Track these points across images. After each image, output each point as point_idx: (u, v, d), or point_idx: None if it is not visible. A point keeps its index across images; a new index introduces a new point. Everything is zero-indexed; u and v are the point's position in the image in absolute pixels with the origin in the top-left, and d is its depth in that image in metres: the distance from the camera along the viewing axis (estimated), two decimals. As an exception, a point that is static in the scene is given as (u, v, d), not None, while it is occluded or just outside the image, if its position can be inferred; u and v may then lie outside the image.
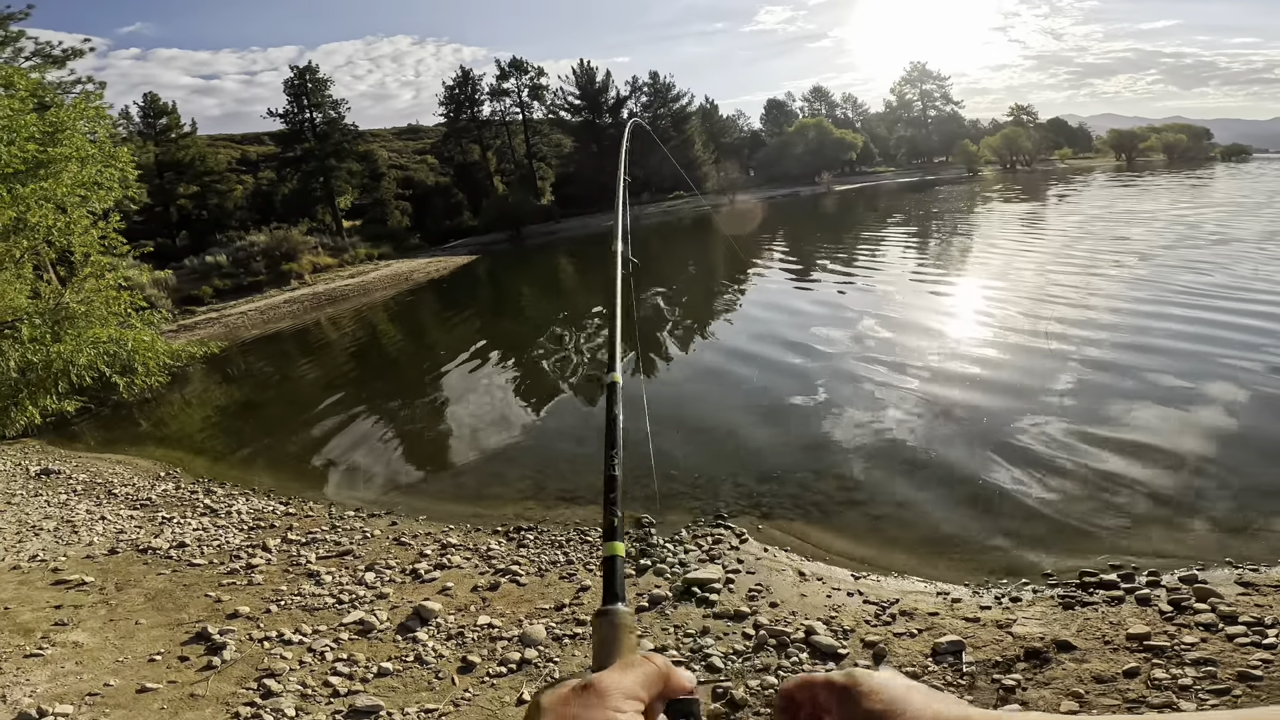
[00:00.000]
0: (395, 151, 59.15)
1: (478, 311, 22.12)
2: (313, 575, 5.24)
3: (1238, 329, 9.05)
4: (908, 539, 5.20)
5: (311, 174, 43.45)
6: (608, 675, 0.53)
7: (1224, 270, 12.72)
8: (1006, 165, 60.41)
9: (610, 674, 0.53)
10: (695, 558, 4.90)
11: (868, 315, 12.57)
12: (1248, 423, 6.45)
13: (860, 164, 62.11)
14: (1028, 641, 3.60)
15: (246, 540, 6.30)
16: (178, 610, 4.86)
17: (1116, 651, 3.46)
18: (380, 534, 6.14)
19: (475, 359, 13.92)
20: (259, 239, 34.32)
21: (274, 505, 7.43)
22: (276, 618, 4.52)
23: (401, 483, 8.04)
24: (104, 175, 11.08)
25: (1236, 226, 17.94)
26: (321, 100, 44.13)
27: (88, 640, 4.50)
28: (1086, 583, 4.28)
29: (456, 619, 4.26)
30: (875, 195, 45.70)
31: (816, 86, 70.78)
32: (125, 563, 5.98)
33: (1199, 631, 3.57)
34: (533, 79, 51.15)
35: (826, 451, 7.01)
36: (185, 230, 41.51)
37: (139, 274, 17.32)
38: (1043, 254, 16.94)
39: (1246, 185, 31.72)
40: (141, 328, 13.00)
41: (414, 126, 69.50)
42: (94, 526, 7.03)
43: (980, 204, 34.26)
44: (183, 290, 29.96)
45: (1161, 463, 5.82)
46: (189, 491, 8.24)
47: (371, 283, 31.63)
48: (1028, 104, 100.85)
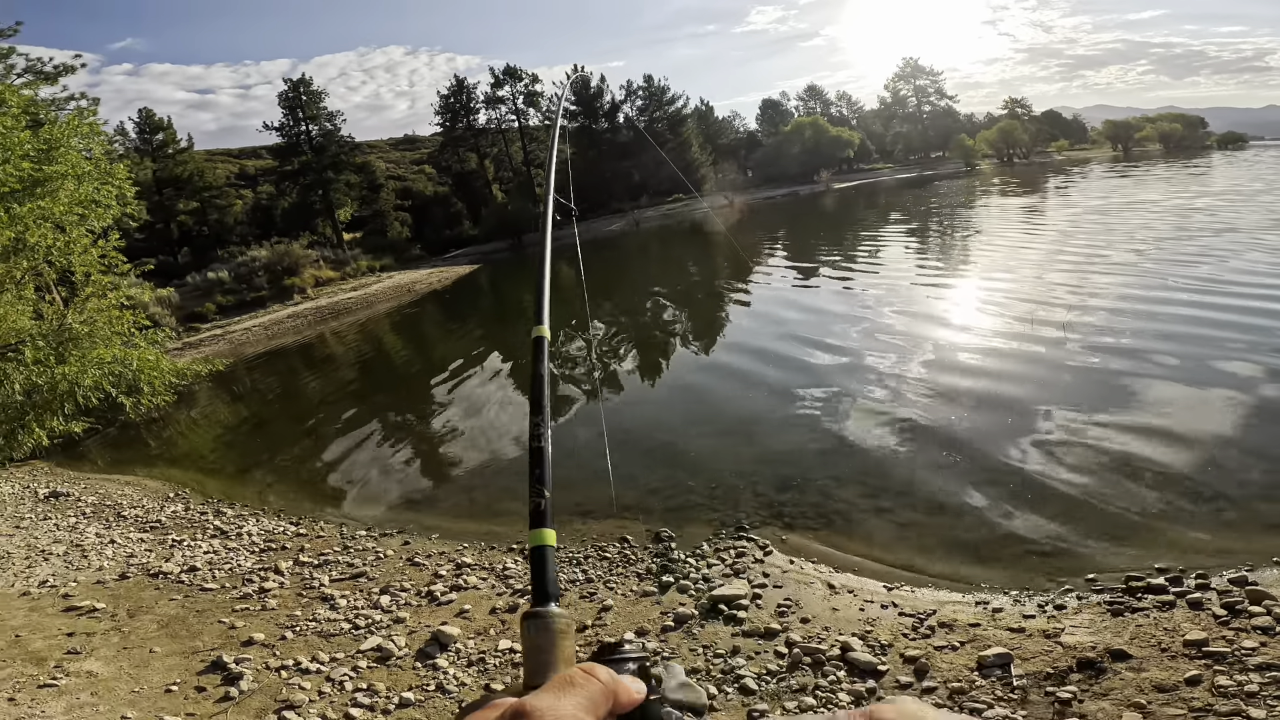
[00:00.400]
0: (393, 162, 59.21)
1: (481, 322, 22.00)
2: (327, 599, 5.10)
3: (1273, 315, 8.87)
4: (938, 546, 5.04)
5: (310, 187, 43.43)
6: (543, 698, 0.44)
7: (1238, 257, 12.55)
8: (1004, 159, 60.19)
9: (545, 696, 0.45)
10: (719, 573, 4.75)
11: (878, 314, 12.41)
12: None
13: (858, 161, 61.96)
14: (1079, 651, 3.44)
15: (258, 563, 6.17)
16: (191, 638, 4.72)
17: (1175, 659, 3.30)
18: (393, 554, 6.00)
19: (480, 371, 13.80)
20: (260, 254, 34.27)
21: (284, 526, 7.30)
22: (292, 645, 4.38)
23: (413, 500, 7.90)
24: (101, 192, 10.98)
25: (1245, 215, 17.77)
26: (317, 112, 44.14)
27: (102, 670, 4.37)
28: (1133, 587, 4.11)
29: (476, 644, 4.11)
30: (875, 192, 45.56)
31: (811, 85, 70.72)
32: (136, 588, 5.86)
33: (1257, 635, 3.41)
34: (527, 86, 51.16)
35: (845, 457, 6.85)
36: (186, 247, 41.52)
37: (141, 292, 17.24)
38: (1050, 246, 16.76)
39: (1246, 172, 31.51)
40: (146, 347, 12.88)
41: (410, 137, 69.61)
42: (104, 550, 6.91)
43: (981, 198, 34.09)
44: (186, 308, 29.90)
45: (1198, 458, 5.66)
46: (198, 513, 8.12)
47: (374, 295, 31.56)
48: (1021, 97, 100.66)
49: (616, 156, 49.83)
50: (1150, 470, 5.58)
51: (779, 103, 67.32)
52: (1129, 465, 5.69)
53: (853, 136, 59.58)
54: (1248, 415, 6.33)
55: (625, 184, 48.72)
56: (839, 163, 58.80)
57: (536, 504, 0.66)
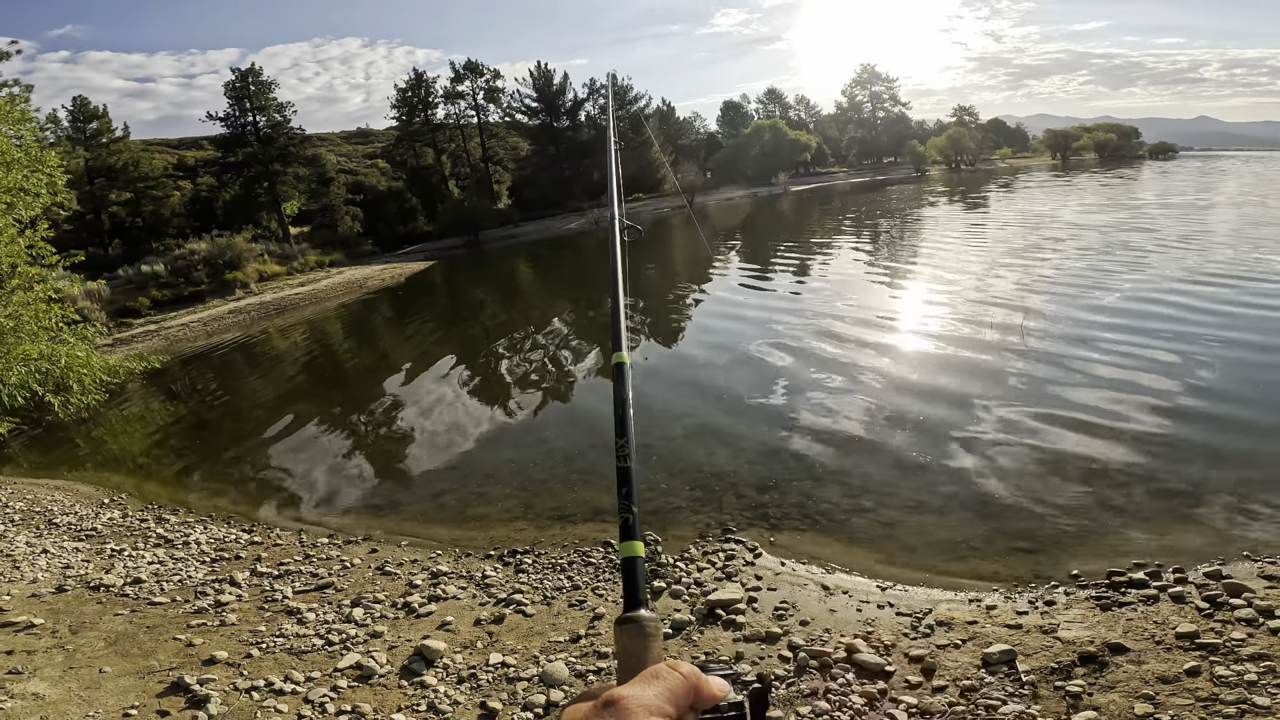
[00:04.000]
0: (345, 156, 57.25)
1: (437, 320, 21.40)
2: (292, 613, 4.77)
3: (1228, 320, 9.30)
4: (924, 545, 5.05)
5: (255, 179, 41.58)
6: (631, 689, 0.50)
7: (1178, 264, 13.21)
8: (952, 165, 62.32)
9: (634, 687, 0.50)
10: (711, 576, 4.64)
11: (843, 316, 12.57)
12: (1247, 414, 6.55)
13: (814, 165, 63.12)
14: (1079, 646, 3.46)
15: (211, 574, 5.76)
16: (145, 656, 4.34)
17: (1170, 651, 3.35)
18: (360, 563, 5.69)
19: (438, 369, 13.36)
20: (199, 247, 32.52)
21: (236, 534, 6.86)
22: (260, 663, 4.06)
23: (376, 505, 7.53)
24: (31, 180, 10.21)
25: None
26: (265, 103, 42.28)
27: (49, 691, 3.96)
28: (1116, 582, 4.19)
29: (464, 658, 3.88)
30: (830, 195, 46.44)
31: (771, 88, 71.70)
32: (76, 602, 5.39)
33: (1243, 627, 3.50)
34: (489, 81, 50.21)
35: (822, 457, 6.84)
36: (119, 239, 39.19)
37: (70, 285, 16.12)
38: (1002, 253, 17.33)
39: (1178, 183, 33.39)
40: (75, 342, 12.07)
41: (364, 130, 67.50)
42: (36, 561, 6.36)
43: (929, 204, 35.12)
44: (117, 302, 28.14)
45: (1166, 456, 5.86)
46: (138, 519, 7.57)
47: (323, 291, 30.40)
48: (969, 105, 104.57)
49: (577, 155, 49.45)
50: (1122, 469, 5.74)
51: (740, 105, 67.99)
52: (1104, 465, 5.85)
53: (810, 140, 60.70)
54: (1204, 416, 6.60)
55: (585, 182, 48.38)
56: (796, 166, 59.79)
57: (626, 519, 0.72)
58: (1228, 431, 6.17)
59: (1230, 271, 12.14)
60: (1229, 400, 6.83)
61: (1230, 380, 7.32)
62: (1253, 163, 47.04)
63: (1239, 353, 8.08)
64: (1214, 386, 7.19)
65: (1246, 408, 6.61)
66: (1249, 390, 7.04)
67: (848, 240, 24.03)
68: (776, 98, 70.21)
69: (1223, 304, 10.08)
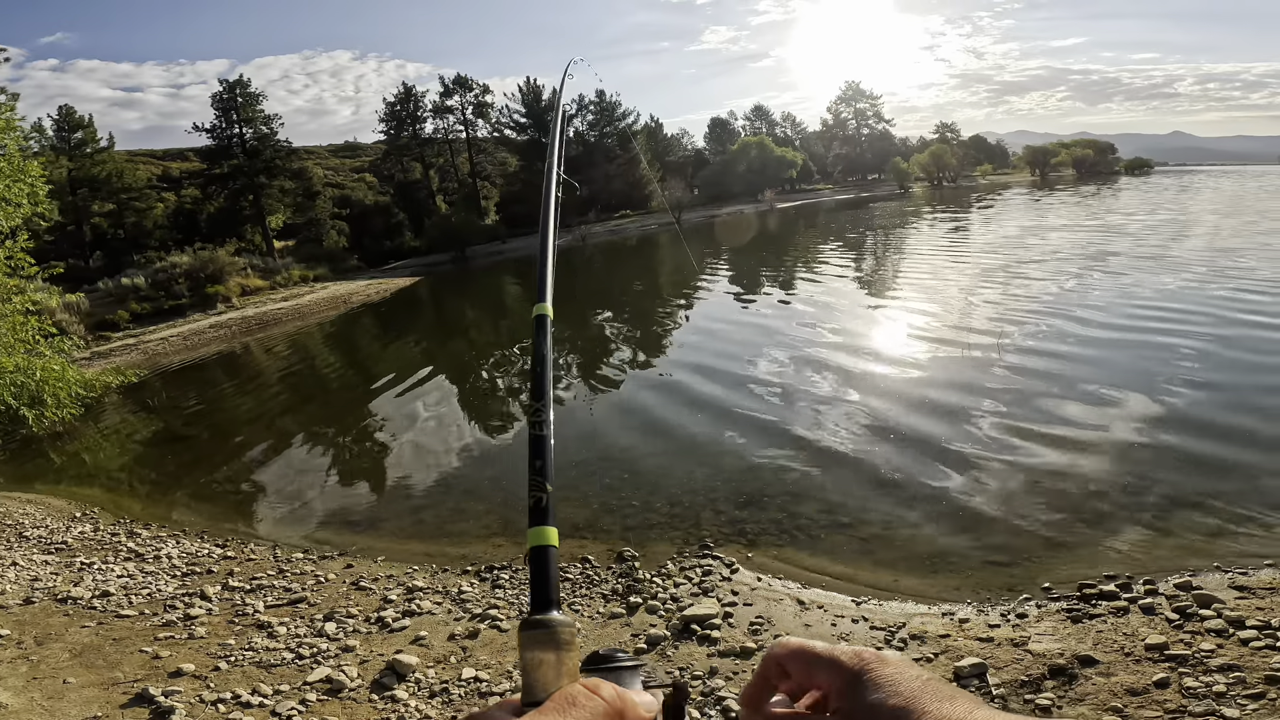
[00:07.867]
0: (332, 169, 57.23)
1: (422, 336, 21.31)
2: (263, 627, 4.70)
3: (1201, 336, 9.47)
4: (899, 559, 5.08)
5: (240, 191, 41.44)
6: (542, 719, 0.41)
7: (1166, 277, 13.47)
8: (934, 182, 63.36)
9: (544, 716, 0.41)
10: (687, 592, 4.63)
11: (820, 334, 12.68)
12: (1219, 427, 6.65)
13: (800, 182, 63.94)
14: (1049, 658, 3.48)
15: (181, 588, 5.66)
16: (110, 668, 4.25)
17: (1140, 663, 3.38)
18: (335, 578, 5.61)
19: (420, 387, 13.27)
20: (181, 260, 32.24)
21: (209, 548, 6.76)
22: (228, 676, 3.98)
23: (353, 521, 7.44)
24: (12, 190, 10.11)
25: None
26: (253, 115, 42.26)
27: (12, 701, 3.88)
28: (1087, 594, 4.22)
29: (437, 672, 3.84)
30: (816, 212, 47.01)
31: (758, 105, 73.02)
32: (43, 614, 5.30)
33: (1213, 638, 3.54)
34: (478, 96, 50.56)
35: (800, 473, 6.85)
36: (100, 250, 38.80)
37: (48, 297, 15.90)
38: (981, 270, 17.60)
39: (1153, 198, 34.11)
40: (51, 355, 11.88)
41: (352, 144, 67.61)
42: (5, 574, 6.24)
43: (911, 221, 35.61)
44: (96, 315, 27.76)
45: (1138, 470, 5.94)
46: (109, 534, 7.44)
47: (307, 306, 30.20)
48: (951, 121, 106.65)
49: (565, 171, 49.58)
50: (1094, 482, 5.81)
51: (727, 121, 68.92)
52: (1076, 479, 5.92)
53: (796, 157, 61.54)
54: (1177, 429, 6.71)
55: (573, 198, 48.58)
56: (783, 182, 60.51)
57: (537, 499, 0.57)
58: (1201, 444, 6.26)
59: (1201, 290, 12.40)
60: (1202, 414, 6.94)
61: (1202, 395, 7.44)
62: (1222, 178, 47.82)
63: (1211, 367, 8.22)
64: (1186, 401, 7.30)
65: (1219, 422, 6.72)
66: (1221, 404, 7.17)
67: (833, 256, 24.29)
68: (763, 115, 71.31)
69: (1195, 320, 10.27)
